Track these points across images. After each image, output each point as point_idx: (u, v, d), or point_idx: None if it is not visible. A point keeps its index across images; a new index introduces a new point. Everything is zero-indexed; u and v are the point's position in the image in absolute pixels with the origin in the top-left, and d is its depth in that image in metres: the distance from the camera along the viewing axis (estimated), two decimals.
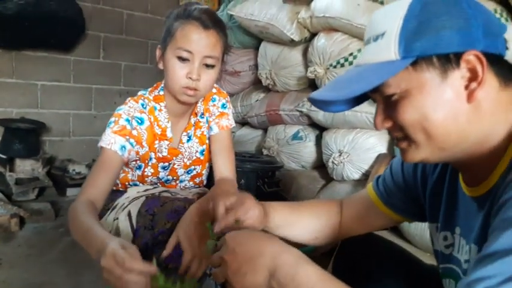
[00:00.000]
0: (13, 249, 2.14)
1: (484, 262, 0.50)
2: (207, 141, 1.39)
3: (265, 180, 2.23)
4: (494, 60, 0.65)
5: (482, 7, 0.66)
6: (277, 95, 2.62)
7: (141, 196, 1.27)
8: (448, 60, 0.63)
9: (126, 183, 1.35)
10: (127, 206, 1.23)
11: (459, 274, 0.75)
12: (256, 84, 2.89)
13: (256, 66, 2.78)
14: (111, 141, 1.16)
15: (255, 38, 2.76)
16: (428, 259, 1.07)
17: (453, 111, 0.64)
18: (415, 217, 0.99)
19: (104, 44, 3.58)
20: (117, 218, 1.20)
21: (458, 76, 0.64)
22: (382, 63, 0.66)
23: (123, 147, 1.16)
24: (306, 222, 1.05)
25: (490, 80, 0.64)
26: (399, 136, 0.71)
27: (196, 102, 1.34)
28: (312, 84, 2.49)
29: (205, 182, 1.47)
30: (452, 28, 0.62)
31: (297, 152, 2.45)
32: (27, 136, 3.02)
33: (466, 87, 0.64)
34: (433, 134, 0.65)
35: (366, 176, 2.09)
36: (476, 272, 0.50)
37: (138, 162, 1.30)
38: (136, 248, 0.83)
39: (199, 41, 1.14)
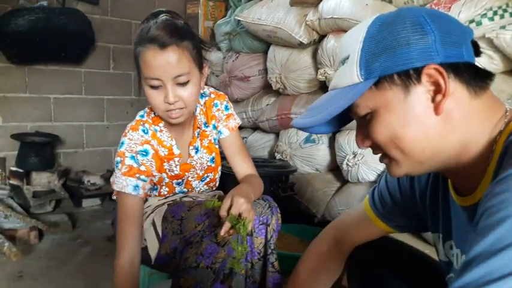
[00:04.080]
0: (33, 261, 2.17)
1: (464, 270, 0.49)
2: (216, 146, 1.40)
3: (279, 185, 2.23)
4: (460, 70, 0.64)
5: (443, 18, 0.66)
6: (287, 98, 2.61)
7: (163, 204, 1.29)
8: (409, 77, 0.64)
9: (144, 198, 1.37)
10: (150, 214, 1.25)
11: None
12: (267, 88, 2.89)
13: (265, 70, 2.78)
14: (123, 184, 1.15)
15: (264, 42, 2.76)
16: None
17: (422, 126, 0.65)
18: (416, 231, 0.98)
19: (113, 54, 3.62)
20: (142, 227, 1.22)
21: (422, 91, 0.64)
22: (349, 87, 0.68)
23: (136, 186, 1.16)
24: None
25: (458, 90, 0.64)
26: (380, 153, 0.73)
27: (196, 116, 1.33)
28: (323, 86, 2.48)
29: (217, 184, 1.48)
30: (409, 44, 0.63)
31: (310, 155, 2.44)
32: (42, 149, 3.06)
33: (433, 100, 0.64)
34: (407, 150, 0.67)
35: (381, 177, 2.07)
36: (457, 281, 0.49)
37: (154, 185, 1.31)
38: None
39: (161, 65, 1.08)
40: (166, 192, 1.33)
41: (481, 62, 1.63)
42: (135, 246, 1.14)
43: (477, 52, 0.68)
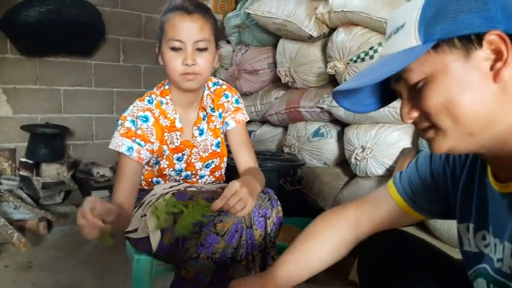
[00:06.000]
0: (42, 252, 2.19)
1: None
2: (222, 135, 1.42)
3: (287, 178, 2.22)
4: None
5: None
6: (296, 92, 2.60)
7: (167, 193, 1.29)
8: (470, 41, 0.62)
9: (150, 180, 1.38)
10: (154, 202, 1.25)
11: (489, 273, 0.73)
12: (276, 82, 2.87)
13: (274, 63, 2.77)
14: (119, 143, 1.22)
15: (273, 36, 2.74)
16: (458, 255, 1.03)
17: (480, 93, 0.63)
18: (440, 217, 0.96)
19: (123, 47, 3.63)
20: (145, 215, 1.25)
21: (482, 57, 0.62)
22: (404, 50, 0.66)
23: (130, 148, 1.22)
24: (320, 255, 0.98)
25: None
26: (426, 126, 0.70)
27: (202, 96, 1.37)
28: (332, 80, 2.45)
29: (224, 178, 1.48)
30: (471, 11, 0.62)
31: (319, 149, 2.42)
32: (52, 141, 3.09)
33: (491, 68, 0.63)
34: (460, 118, 0.64)
35: (389, 171, 2.05)
36: None
37: (156, 158, 1.33)
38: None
39: (186, 27, 1.19)
40: (166, 166, 1.35)
41: None
42: (125, 197, 1.20)
43: None
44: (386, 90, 0.76)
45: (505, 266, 0.68)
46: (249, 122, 3.15)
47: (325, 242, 0.98)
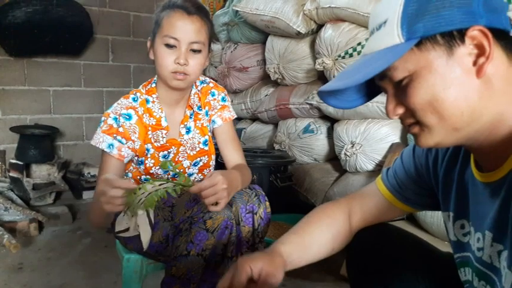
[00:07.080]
0: (33, 253, 2.18)
1: None
2: (209, 133, 1.42)
3: (278, 175, 2.23)
4: (500, 35, 0.64)
5: None
6: (286, 88, 2.61)
7: (156, 190, 1.29)
8: (452, 37, 0.63)
9: (138, 177, 1.38)
10: (143, 201, 1.25)
11: (473, 262, 0.75)
12: (265, 79, 2.88)
13: (264, 61, 2.77)
14: (100, 140, 1.22)
15: (262, 33, 2.74)
16: (446, 248, 1.05)
17: (463, 89, 0.63)
18: (429, 208, 0.97)
19: (112, 46, 3.61)
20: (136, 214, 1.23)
21: (465, 53, 0.63)
22: (387, 48, 0.66)
23: (110, 145, 1.22)
24: (319, 240, 0.98)
25: (498, 55, 0.63)
26: (411, 122, 0.70)
27: (190, 95, 1.37)
28: (321, 77, 2.47)
29: None
30: (452, 6, 0.62)
31: (309, 145, 2.44)
32: (41, 142, 3.07)
33: (474, 63, 0.63)
34: (445, 114, 0.65)
35: (379, 166, 2.07)
36: None
37: (138, 158, 1.33)
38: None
39: (184, 27, 1.20)
40: (152, 165, 1.34)
41: None
42: None
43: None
44: (372, 85, 0.76)
45: (485, 255, 0.69)
46: (239, 120, 3.17)
47: (323, 228, 0.99)
